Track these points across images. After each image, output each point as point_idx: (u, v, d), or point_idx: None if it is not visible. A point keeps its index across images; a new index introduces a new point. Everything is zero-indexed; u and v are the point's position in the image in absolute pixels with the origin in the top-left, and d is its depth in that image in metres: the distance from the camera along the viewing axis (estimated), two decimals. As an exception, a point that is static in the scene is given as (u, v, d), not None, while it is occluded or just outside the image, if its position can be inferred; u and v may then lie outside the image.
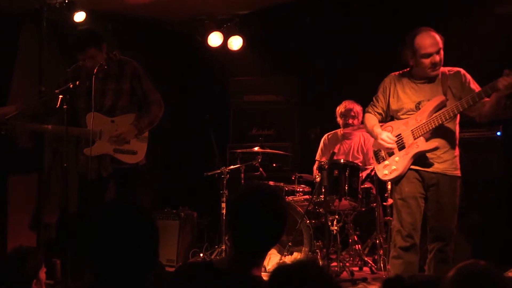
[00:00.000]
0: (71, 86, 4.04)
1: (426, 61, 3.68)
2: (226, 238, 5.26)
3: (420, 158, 3.73)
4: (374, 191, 5.12)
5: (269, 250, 2.19)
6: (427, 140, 3.70)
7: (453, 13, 5.69)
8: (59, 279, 4.76)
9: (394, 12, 6.03)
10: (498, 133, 5.14)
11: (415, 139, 3.73)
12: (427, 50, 3.65)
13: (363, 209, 5.13)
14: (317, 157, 5.85)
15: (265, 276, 2.21)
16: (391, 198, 4.48)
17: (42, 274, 3.05)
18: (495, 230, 4.86)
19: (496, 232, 4.84)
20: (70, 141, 4.27)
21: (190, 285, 2.09)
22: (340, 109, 5.75)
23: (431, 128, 3.67)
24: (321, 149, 5.87)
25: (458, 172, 3.73)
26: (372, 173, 5.03)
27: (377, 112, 4.01)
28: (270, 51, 6.78)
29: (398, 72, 3.95)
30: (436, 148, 3.68)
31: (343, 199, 4.90)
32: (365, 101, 5.78)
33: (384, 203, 5.02)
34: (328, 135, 5.91)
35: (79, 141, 4.41)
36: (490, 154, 5.14)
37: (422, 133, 3.70)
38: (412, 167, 3.75)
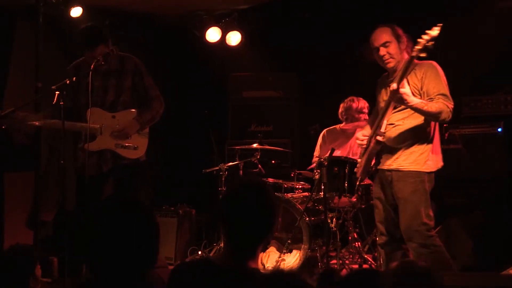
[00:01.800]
0: (67, 82, 4.02)
1: (377, 55, 3.84)
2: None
3: (378, 157, 3.87)
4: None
5: (262, 242, 2.21)
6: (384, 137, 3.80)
7: (454, 11, 5.65)
8: (57, 277, 4.73)
9: (394, 10, 5.99)
10: (499, 129, 5.10)
11: (371, 137, 3.87)
12: (374, 44, 3.83)
13: (363, 206, 5.09)
14: (316, 153, 5.81)
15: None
16: None
17: (37, 271, 3.04)
18: (497, 227, 4.83)
19: (498, 229, 4.81)
20: (67, 138, 4.25)
21: (189, 283, 2.09)
22: (343, 105, 5.72)
23: (377, 126, 3.78)
24: (320, 145, 5.83)
25: (418, 167, 3.71)
26: (373, 169, 4.99)
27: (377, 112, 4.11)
28: (269, 47, 6.74)
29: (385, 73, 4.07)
30: (376, 148, 3.80)
31: (342, 196, 4.86)
32: (364, 97, 5.78)
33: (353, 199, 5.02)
34: (327, 131, 5.87)
35: (78, 137, 4.38)
36: (491, 151, 5.10)
37: (373, 131, 3.84)
38: (379, 167, 3.89)
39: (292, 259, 4.89)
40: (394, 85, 3.51)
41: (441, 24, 3.41)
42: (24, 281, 2.88)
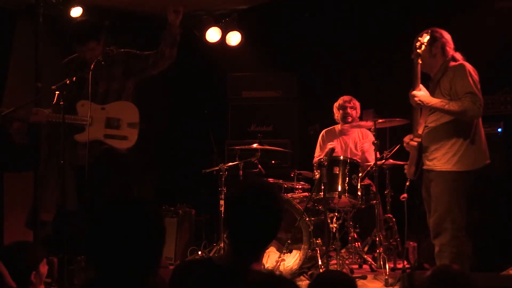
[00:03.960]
0: (67, 82, 4.04)
1: None
2: (225, 235, 5.22)
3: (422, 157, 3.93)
4: (374, 188, 5.08)
5: (267, 245, 2.20)
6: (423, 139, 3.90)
7: (454, 11, 5.66)
8: (56, 277, 4.72)
9: (394, 10, 5.99)
10: (499, 130, 5.10)
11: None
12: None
13: (363, 206, 5.09)
14: (316, 153, 5.82)
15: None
16: None
17: (43, 269, 3.03)
18: (496, 227, 4.83)
19: (497, 229, 4.81)
20: (66, 138, 4.26)
21: (191, 282, 2.09)
22: (337, 102, 5.73)
23: (415, 128, 3.94)
24: (320, 145, 5.85)
25: (449, 167, 3.78)
26: (373, 170, 5.00)
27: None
28: (268, 47, 6.74)
29: None
30: (413, 150, 3.93)
31: (342, 196, 4.86)
32: (364, 97, 5.79)
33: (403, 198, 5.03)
34: (325, 131, 5.89)
35: (69, 132, 4.41)
36: (491, 151, 5.08)
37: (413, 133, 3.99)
38: (423, 167, 3.95)
39: (292, 259, 4.89)
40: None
41: (429, 31, 3.73)
42: (26, 275, 2.88)
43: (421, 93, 3.77)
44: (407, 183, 4.85)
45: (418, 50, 3.70)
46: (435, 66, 3.90)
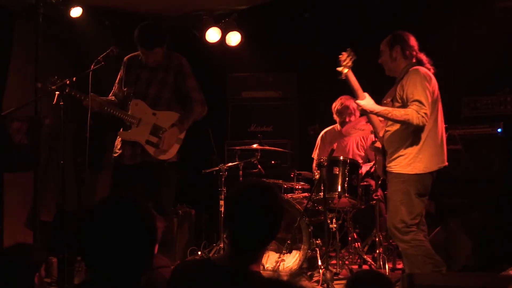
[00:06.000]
0: (67, 82, 4.04)
1: None
2: (224, 236, 5.22)
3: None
4: (373, 188, 5.08)
5: (266, 246, 2.19)
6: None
7: (454, 11, 5.66)
8: (56, 278, 4.73)
9: (394, 10, 5.99)
10: (499, 130, 5.11)
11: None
12: None
13: (363, 206, 5.09)
14: (314, 154, 5.78)
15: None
16: None
17: (42, 271, 3.04)
18: (496, 227, 4.83)
19: (497, 229, 4.81)
20: (66, 138, 4.26)
21: (189, 283, 2.09)
22: (336, 106, 5.64)
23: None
24: (318, 147, 5.80)
25: (401, 170, 3.84)
26: (372, 170, 5.00)
27: None
28: (268, 47, 6.73)
29: None
30: (375, 150, 4.19)
31: (342, 196, 4.86)
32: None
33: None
34: (325, 132, 5.84)
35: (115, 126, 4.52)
36: (491, 151, 5.11)
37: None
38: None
39: (291, 260, 4.89)
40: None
41: (349, 49, 3.95)
42: (30, 276, 2.88)
43: (363, 102, 3.89)
44: (379, 182, 4.95)
45: (337, 68, 3.93)
46: (398, 69, 3.97)
